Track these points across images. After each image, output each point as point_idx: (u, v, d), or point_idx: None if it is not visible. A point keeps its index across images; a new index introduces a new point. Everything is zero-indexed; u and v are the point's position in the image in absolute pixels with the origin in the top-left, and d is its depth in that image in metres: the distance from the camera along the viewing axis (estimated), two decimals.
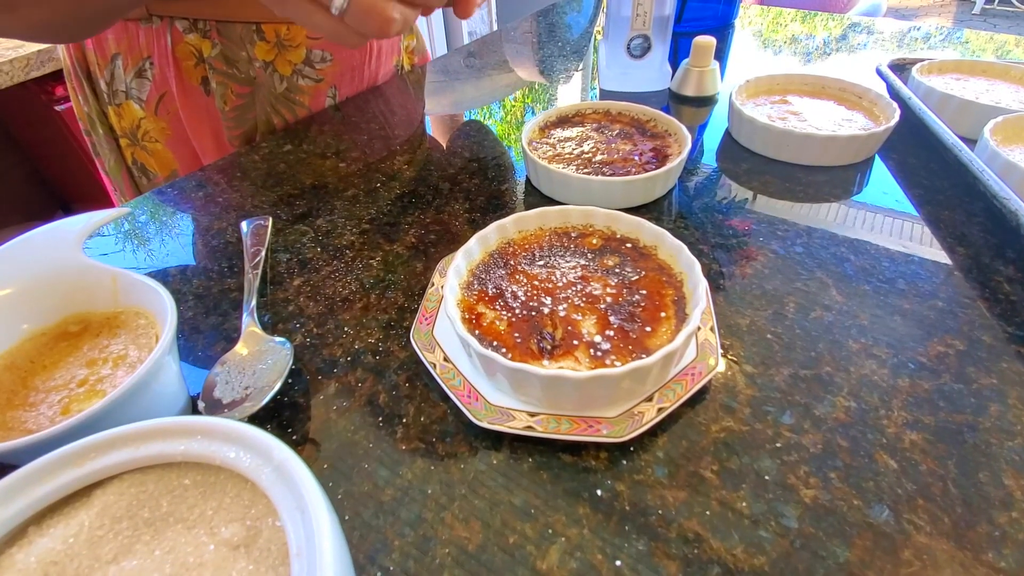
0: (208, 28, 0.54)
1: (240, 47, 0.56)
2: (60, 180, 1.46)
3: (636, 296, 0.32)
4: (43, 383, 0.29)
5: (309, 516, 0.17)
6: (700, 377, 0.30)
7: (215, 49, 0.55)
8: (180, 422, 0.20)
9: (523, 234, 0.38)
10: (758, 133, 0.52)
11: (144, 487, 0.20)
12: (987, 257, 0.40)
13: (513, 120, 0.64)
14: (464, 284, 0.34)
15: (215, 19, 0.54)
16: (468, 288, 0.34)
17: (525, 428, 0.28)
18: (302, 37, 0.60)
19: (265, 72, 0.59)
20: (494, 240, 0.37)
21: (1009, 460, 0.27)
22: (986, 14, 3.90)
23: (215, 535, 0.19)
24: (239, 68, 0.57)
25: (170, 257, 0.44)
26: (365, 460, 0.29)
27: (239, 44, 0.56)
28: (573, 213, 0.38)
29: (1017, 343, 0.33)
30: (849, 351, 0.33)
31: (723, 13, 0.87)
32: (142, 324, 0.31)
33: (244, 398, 0.30)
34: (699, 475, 0.27)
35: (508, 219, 0.37)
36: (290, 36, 0.59)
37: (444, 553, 0.25)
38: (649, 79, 0.68)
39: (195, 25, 0.54)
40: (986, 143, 0.45)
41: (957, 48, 0.81)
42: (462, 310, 0.32)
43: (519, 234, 0.38)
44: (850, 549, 0.24)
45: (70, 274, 0.32)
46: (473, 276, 0.35)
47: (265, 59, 0.58)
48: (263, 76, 0.59)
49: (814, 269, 0.39)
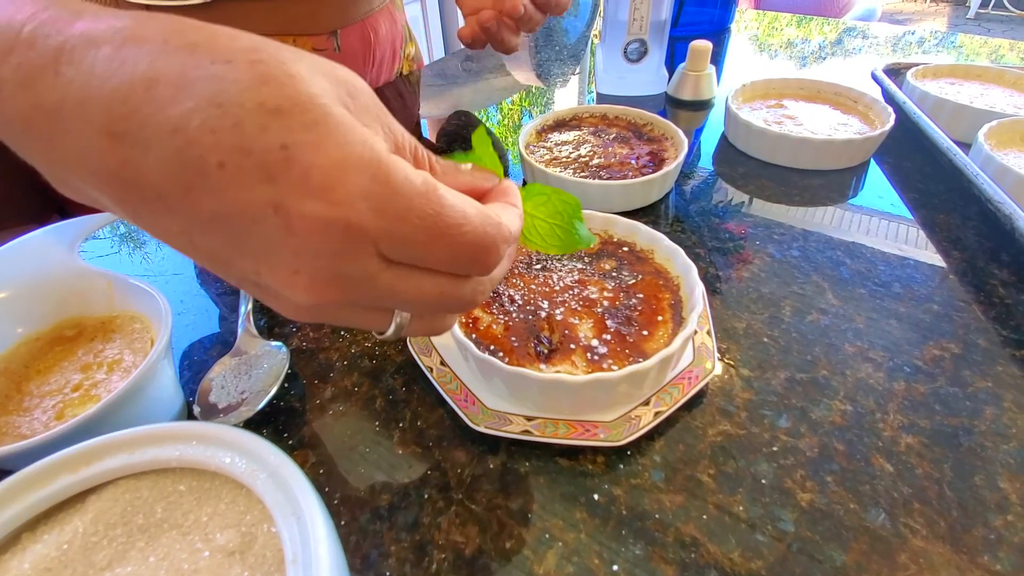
0: None
1: None
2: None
3: (633, 300, 0.33)
4: (37, 388, 0.29)
5: (305, 522, 0.17)
6: (697, 381, 0.30)
7: None
8: (175, 427, 0.20)
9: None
10: (754, 137, 0.52)
11: (139, 493, 0.20)
12: (982, 261, 0.40)
13: (510, 124, 0.64)
14: None
15: None
16: None
17: (522, 432, 0.28)
18: (309, 49, 0.59)
19: None
20: None
21: (1004, 463, 0.27)
22: (980, 19, 3.92)
23: (210, 541, 0.19)
24: None
25: (166, 261, 0.44)
26: (361, 465, 0.29)
27: None
28: None
29: (1012, 346, 0.33)
30: (845, 355, 0.33)
31: (719, 18, 0.87)
32: (137, 328, 0.31)
33: (240, 403, 0.30)
34: (696, 479, 0.27)
35: None
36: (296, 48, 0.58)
37: (441, 558, 0.25)
38: (646, 83, 0.68)
39: None
40: (980, 147, 0.45)
41: (951, 52, 0.81)
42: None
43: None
44: (847, 553, 0.24)
45: (65, 278, 0.31)
46: None
47: None
48: None
49: (810, 273, 0.40)
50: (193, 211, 0.15)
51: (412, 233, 0.16)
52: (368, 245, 0.16)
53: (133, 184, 0.15)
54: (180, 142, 0.14)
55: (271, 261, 0.16)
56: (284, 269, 0.16)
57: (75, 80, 0.15)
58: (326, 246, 0.15)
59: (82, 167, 0.15)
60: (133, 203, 0.16)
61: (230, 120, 0.14)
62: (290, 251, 0.16)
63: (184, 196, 0.15)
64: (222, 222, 0.15)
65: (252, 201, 0.15)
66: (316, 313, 0.18)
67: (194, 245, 0.16)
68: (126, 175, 0.15)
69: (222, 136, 0.14)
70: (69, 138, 0.15)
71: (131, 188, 0.15)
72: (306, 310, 0.17)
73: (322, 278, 0.16)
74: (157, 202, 0.15)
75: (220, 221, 0.15)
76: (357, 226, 0.15)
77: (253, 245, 0.16)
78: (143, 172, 0.15)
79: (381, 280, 0.17)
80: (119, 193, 0.16)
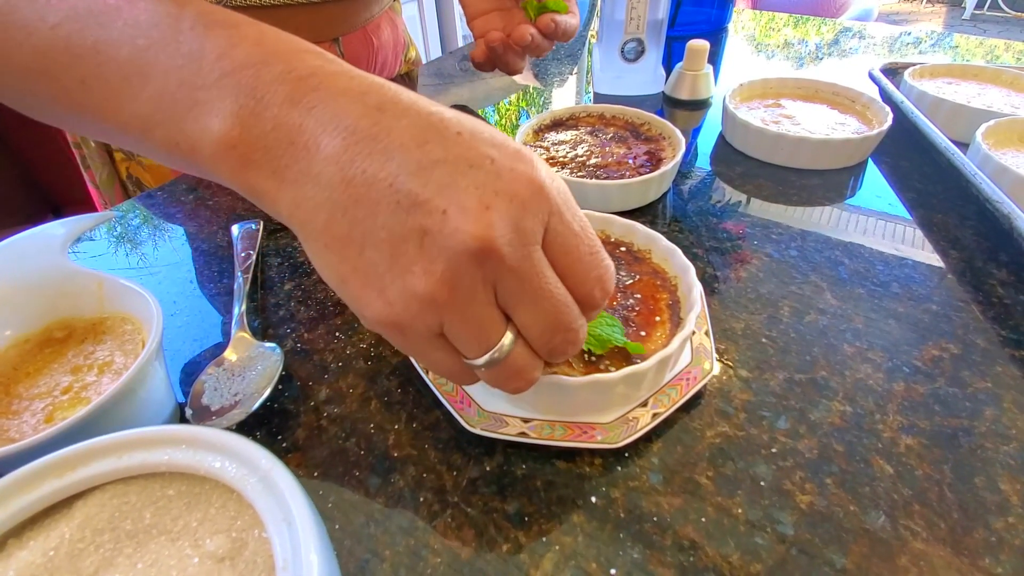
0: None
1: None
2: (52, 183, 1.45)
3: (630, 300, 0.32)
4: (27, 390, 0.28)
5: (296, 528, 0.17)
6: (695, 382, 0.30)
7: None
8: (164, 431, 0.20)
9: None
10: (752, 137, 0.52)
11: (127, 498, 0.20)
12: (980, 260, 0.40)
13: (508, 123, 0.64)
14: None
15: None
16: None
17: (519, 435, 0.28)
18: None
19: None
20: None
21: (1005, 464, 0.27)
22: (976, 19, 3.94)
23: (199, 547, 0.18)
24: None
25: (159, 261, 0.44)
26: (356, 467, 0.28)
27: None
28: None
29: (1011, 347, 0.33)
30: (844, 355, 0.33)
31: (716, 17, 0.87)
32: (128, 330, 0.31)
33: (233, 405, 0.30)
34: (694, 481, 0.27)
35: None
36: None
37: (437, 562, 0.24)
38: (643, 83, 0.68)
39: None
40: (978, 147, 0.45)
41: (948, 53, 0.81)
42: None
43: None
44: (847, 556, 0.24)
45: (55, 279, 0.31)
46: None
47: None
48: None
49: (808, 273, 0.39)
50: (416, 157, 0.18)
51: (579, 230, 0.21)
52: (545, 212, 0.19)
53: (375, 138, 0.19)
54: (435, 119, 0.19)
55: (472, 195, 0.18)
56: (478, 203, 0.18)
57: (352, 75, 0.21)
58: (520, 192, 0.19)
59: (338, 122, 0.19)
60: (365, 152, 0.19)
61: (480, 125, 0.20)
62: (492, 190, 0.18)
63: (417, 147, 0.18)
64: (441, 165, 0.18)
65: (476, 153, 0.19)
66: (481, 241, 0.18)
67: (393, 188, 0.18)
68: (375, 131, 0.19)
69: (471, 124, 0.19)
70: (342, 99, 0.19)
71: (372, 140, 0.19)
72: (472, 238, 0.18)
73: (506, 220, 0.18)
74: (387, 150, 0.18)
75: (440, 165, 0.18)
76: (546, 190, 0.19)
77: (463, 183, 0.18)
78: (391, 131, 0.19)
79: (535, 255, 0.19)
80: (359, 144, 0.19)
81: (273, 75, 0.19)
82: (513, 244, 0.19)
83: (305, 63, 0.20)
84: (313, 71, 0.20)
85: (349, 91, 0.19)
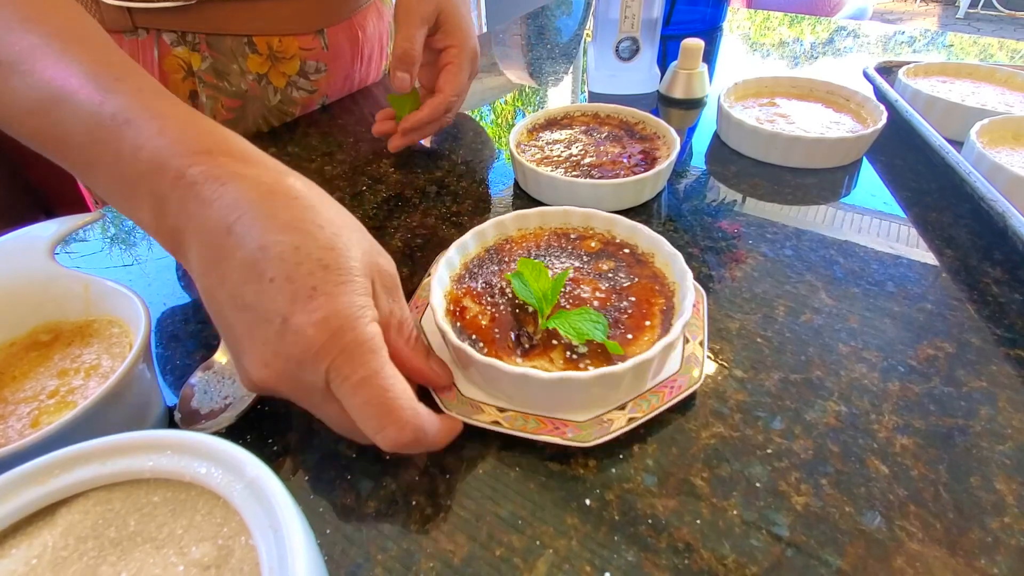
0: (197, 41, 0.53)
1: (231, 60, 0.55)
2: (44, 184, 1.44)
3: (624, 303, 0.32)
4: (12, 394, 0.28)
5: (283, 535, 0.17)
6: (680, 390, 0.29)
7: (205, 62, 0.54)
8: (148, 436, 0.19)
9: (522, 232, 0.38)
10: (747, 136, 0.52)
11: (111, 505, 0.19)
12: (975, 259, 0.40)
13: (503, 123, 0.64)
14: (455, 277, 0.34)
15: (204, 32, 0.53)
16: (458, 281, 0.34)
17: (492, 423, 0.28)
18: (295, 48, 0.58)
19: (259, 85, 0.58)
20: (491, 236, 0.37)
21: (1000, 464, 0.27)
22: (970, 18, 3.96)
23: (185, 555, 0.18)
24: (230, 81, 0.56)
25: (149, 262, 0.43)
26: (348, 471, 0.28)
27: (230, 57, 0.55)
28: (574, 214, 0.38)
29: (1006, 345, 0.33)
30: (839, 355, 0.33)
31: (711, 16, 0.87)
32: (115, 333, 0.30)
33: (223, 408, 0.29)
34: (689, 483, 0.27)
35: (508, 216, 0.37)
36: (282, 48, 0.57)
37: (429, 567, 0.24)
38: (638, 82, 0.68)
39: (183, 38, 0.52)
40: (973, 145, 0.45)
41: (942, 51, 0.81)
42: (448, 302, 0.32)
43: (518, 232, 0.38)
44: (842, 557, 0.24)
45: (40, 282, 0.30)
46: (465, 270, 0.35)
47: (258, 71, 0.57)
48: (256, 89, 0.58)
49: (803, 272, 0.39)
50: (237, 295, 0.23)
51: (357, 382, 0.23)
52: (321, 371, 0.23)
53: (217, 261, 0.23)
54: (260, 255, 0.23)
55: (258, 351, 0.23)
56: (260, 360, 0.23)
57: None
58: (296, 355, 0.22)
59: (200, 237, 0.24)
60: (212, 269, 0.24)
61: (295, 259, 0.23)
62: (272, 350, 0.23)
63: (241, 284, 0.23)
64: (248, 310, 0.23)
65: (273, 309, 0.23)
66: (262, 389, 0.24)
67: (223, 310, 0.24)
68: (219, 255, 0.23)
69: (284, 267, 0.23)
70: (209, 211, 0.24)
71: (215, 262, 0.24)
72: (253, 385, 0.24)
73: (281, 377, 0.23)
74: (224, 277, 0.23)
75: (248, 309, 0.23)
76: (323, 352, 0.22)
77: (257, 335, 0.23)
78: (230, 259, 0.23)
79: (314, 397, 0.24)
80: (207, 261, 0.24)
81: (168, 182, 0.24)
82: (292, 390, 0.24)
83: (195, 168, 0.24)
84: (195, 179, 0.24)
85: (215, 204, 0.23)
